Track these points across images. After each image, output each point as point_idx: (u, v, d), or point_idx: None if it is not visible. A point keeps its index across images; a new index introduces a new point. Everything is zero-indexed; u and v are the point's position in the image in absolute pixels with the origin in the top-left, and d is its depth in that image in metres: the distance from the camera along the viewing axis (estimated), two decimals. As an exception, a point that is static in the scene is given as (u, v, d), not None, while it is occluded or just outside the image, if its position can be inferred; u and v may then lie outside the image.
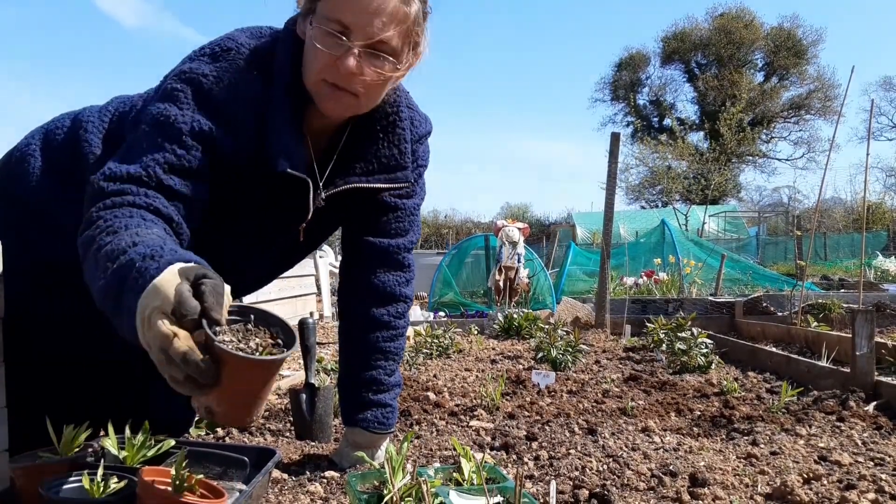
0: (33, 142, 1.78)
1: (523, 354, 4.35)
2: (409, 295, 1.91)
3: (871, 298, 6.65)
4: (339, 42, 1.43)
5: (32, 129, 1.84)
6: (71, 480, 1.26)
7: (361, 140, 1.67)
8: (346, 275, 1.91)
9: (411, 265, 1.90)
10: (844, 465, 1.88)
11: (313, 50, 1.47)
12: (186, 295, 1.01)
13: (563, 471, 1.82)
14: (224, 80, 1.47)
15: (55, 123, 1.80)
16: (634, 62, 37.99)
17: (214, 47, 1.52)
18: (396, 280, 1.85)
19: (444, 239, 30.57)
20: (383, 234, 1.82)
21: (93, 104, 1.84)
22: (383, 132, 1.68)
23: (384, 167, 1.69)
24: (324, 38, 1.44)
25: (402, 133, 1.70)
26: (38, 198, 1.73)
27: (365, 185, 1.67)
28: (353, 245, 1.86)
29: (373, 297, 1.84)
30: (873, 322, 2.88)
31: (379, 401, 1.85)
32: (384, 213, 1.81)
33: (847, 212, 27.54)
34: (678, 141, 30.56)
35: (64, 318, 1.77)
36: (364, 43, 1.44)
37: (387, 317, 1.85)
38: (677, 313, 5.85)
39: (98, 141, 1.70)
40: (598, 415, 2.60)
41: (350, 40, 1.43)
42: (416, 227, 1.89)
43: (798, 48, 34.87)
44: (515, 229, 7.43)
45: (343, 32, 1.43)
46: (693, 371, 3.61)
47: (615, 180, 6.06)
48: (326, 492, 1.67)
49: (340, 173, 1.67)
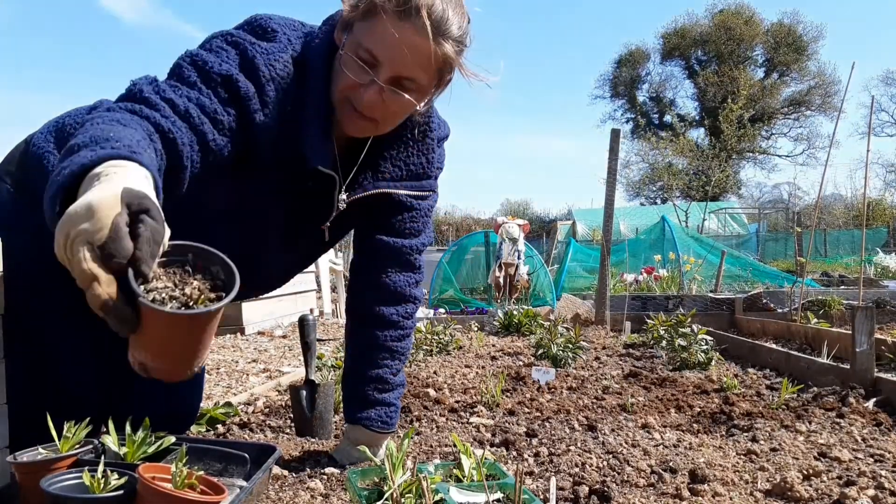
0: (51, 139, 1.75)
1: (523, 351, 4.35)
2: (419, 296, 1.92)
3: (871, 295, 6.66)
4: (366, 72, 1.43)
5: (47, 122, 1.81)
6: (71, 477, 1.26)
7: (390, 144, 1.68)
8: (356, 272, 1.91)
9: (421, 266, 1.91)
10: (844, 462, 1.88)
11: (341, 70, 1.47)
12: (122, 232, 0.91)
13: (563, 467, 1.82)
14: (271, 59, 1.46)
15: (69, 118, 1.77)
16: (634, 59, 37.94)
17: (256, 26, 1.50)
18: (407, 280, 1.86)
19: (444, 236, 30.57)
20: (398, 234, 1.82)
21: (105, 99, 1.81)
22: (414, 140, 1.71)
23: (412, 174, 1.73)
24: (352, 64, 1.44)
25: (432, 143, 1.74)
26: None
27: (393, 190, 1.70)
28: (367, 243, 1.85)
29: (383, 296, 1.84)
30: (873, 318, 2.88)
31: (383, 400, 1.85)
32: (400, 212, 1.81)
33: (847, 208, 27.55)
34: (678, 137, 30.54)
35: (68, 311, 1.76)
36: (390, 78, 1.44)
37: (395, 316, 1.85)
38: (677, 310, 5.85)
39: None
40: (598, 411, 2.60)
41: (377, 73, 1.43)
42: (428, 229, 1.90)
43: (798, 44, 34.81)
44: (516, 226, 7.43)
45: (372, 63, 1.43)
46: (693, 367, 3.61)
47: (615, 177, 6.06)
48: (327, 488, 1.67)
49: (368, 175, 1.69)
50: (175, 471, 1.21)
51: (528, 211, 38.17)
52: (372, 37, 1.41)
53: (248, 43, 1.46)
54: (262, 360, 4.35)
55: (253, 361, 4.27)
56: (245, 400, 2.85)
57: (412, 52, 1.42)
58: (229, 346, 5.02)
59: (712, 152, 30.53)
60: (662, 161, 30.43)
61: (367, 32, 1.42)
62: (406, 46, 1.40)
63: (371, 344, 1.85)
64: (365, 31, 1.43)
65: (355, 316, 1.90)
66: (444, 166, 1.88)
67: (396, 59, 1.42)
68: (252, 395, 2.94)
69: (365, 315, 1.86)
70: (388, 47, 1.41)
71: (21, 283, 1.58)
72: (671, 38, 36.63)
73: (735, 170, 33.97)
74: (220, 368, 3.92)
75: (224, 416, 2.40)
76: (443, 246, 17.87)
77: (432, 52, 1.43)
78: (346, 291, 1.93)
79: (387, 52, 1.41)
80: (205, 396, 2.62)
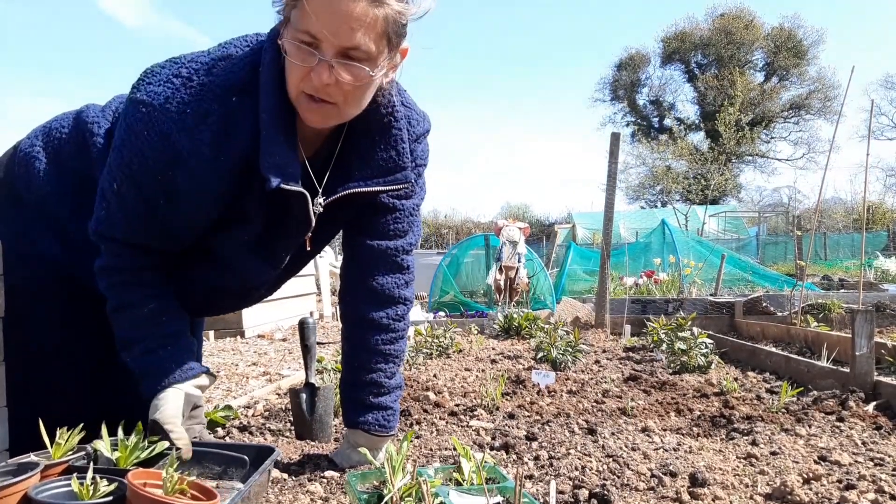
0: (37, 143, 1.77)
1: (523, 354, 4.35)
2: (409, 297, 1.90)
3: (870, 298, 6.65)
4: (311, 53, 1.40)
5: (34, 128, 1.84)
6: (61, 484, 1.25)
7: (358, 143, 1.65)
8: (345, 277, 1.90)
9: (410, 267, 1.89)
10: (844, 465, 1.88)
11: (289, 63, 1.44)
12: (183, 443, 1.48)
13: (563, 471, 1.82)
14: (186, 122, 1.45)
15: (57, 123, 1.80)
16: (634, 62, 37.98)
17: (191, 71, 1.47)
18: (395, 282, 1.84)
19: (444, 239, 30.56)
20: (382, 237, 1.81)
21: (92, 103, 1.83)
22: (379, 134, 1.65)
23: (382, 170, 1.66)
24: (295, 50, 1.41)
25: (399, 133, 1.67)
26: (43, 198, 1.73)
27: (364, 189, 1.65)
28: (352, 248, 1.85)
29: (371, 300, 1.83)
30: (873, 322, 2.88)
31: (380, 403, 1.84)
32: (383, 214, 1.79)
33: (847, 212, 27.56)
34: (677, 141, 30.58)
35: (63, 318, 1.77)
36: (335, 51, 1.40)
37: (386, 319, 1.83)
38: (677, 313, 5.85)
39: (103, 141, 1.70)
40: (597, 415, 2.60)
41: (321, 51, 1.39)
42: (415, 228, 1.87)
43: (798, 48, 34.87)
44: (516, 229, 7.44)
45: (313, 44, 1.39)
46: (693, 371, 3.61)
47: (615, 180, 6.06)
48: (326, 491, 1.67)
49: (339, 179, 1.66)
50: (166, 476, 1.21)
51: (528, 214, 38.13)
52: (306, 17, 1.37)
53: (168, 116, 1.45)
54: (261, 363, 4.35)
55: (253, 364, 4.27)
56: (245, 403, 2.85)
57: (350, 20, 1.36)
58: (229, 350, 5.02)
59: (711, 155, 30.56)
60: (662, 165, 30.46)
61: (301, 15, 1.38)
62: (342, 15, 1.35)
63: (364, 348, 1.84)
64: (299, 16, 1.39)
65: (347, 321, 1.90)
66: (426, 162, 1.84)
67: (336, 31, 1.37)
68: (252, 399, 2.94)
69: (356, 320, 1.85)
70: (324, 22, 1.36)
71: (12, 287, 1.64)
72: (671, 42, 36.68)
73: (735, 173, 33.99)
74: (220, 371, 3.92)
75: (224, 419, 2.39)
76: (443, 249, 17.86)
77: (371, 14, 1.37)
78: (338, 296, 1.92)
79: (324, 26, 1.36)
80: (204, 400, 2.62)
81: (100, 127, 1.72)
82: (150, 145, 1.46)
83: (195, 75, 1.47)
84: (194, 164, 1.47)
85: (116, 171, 1.51)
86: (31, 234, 1.73)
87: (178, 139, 1.44)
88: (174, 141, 1.44)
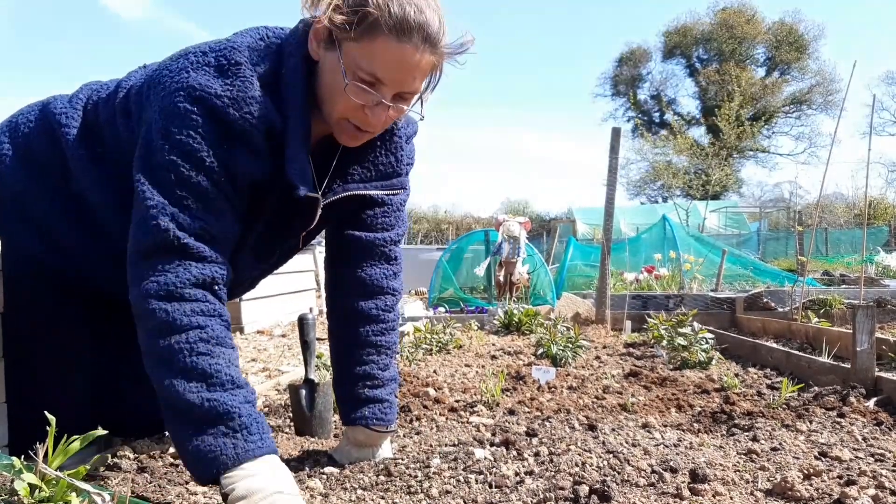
0: (3, 139, 1.76)
1: (523, 350, 4.34)
2: (398, 288, 1.88)
3: (872, 294, 6.64)
4: (370, 93, 1.46)
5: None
6: None
7: (359, 146, 1.67)
8: (331, 271, 1.89)
9: (398, 257, 1.88)
10: (845, 461, 1.88)
11: (341, 94, 1.47)
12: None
13: (564, 467, 1.81)
14: (238, 102, 1.44)
15: (22, 116, 1.78)
16: (636, 57, 37.93)
17: (220, 59, 1.46)
18: (383, 273, 1.83)
19: (444, 234, 30.53)
20: (369, 229, 1.81)
21: (59, 94, 1.81)
22: (381, 140, 1.71)
23: (381, 174, 1.72)
24: (358, 91, 1.45)
25: (399, 141, 1.74)
26: (11, 191, 1.72)
27: (363, 191, 1.70)
28: (338, 240, 1.84)
29: (359, 291, 1.81)
30: (874, 318, 2.87)
31: (375, 396, 1.82)
32: (371, 208, 1.81)
33: (848, 207, 27.53)
34: (677, 136, 30.53)
35: (46, 316, 1.76)
36: (393, 95, 1.48)
37: (375, 310, 1.82)
38: (678, 309, 5.84)
39: (76, 132, 1.68)
40: (598, 411, 2.59)
41: (382, 93, 1.46)
42: (401, 222, 1.88)
43: (800, 43, 34.81)
44: (516, 223, 7.42)
45: (373, 83, 1.45)
46: (693, 367, 3.60)
47: (616, 175, 6.05)
48: (326, 488, 1.67)
49: (339, 179, 1.68)
50: None
51: (529, 209, 38.10)
52: (372, 59, 1.43)
53: (214, 96, 1.42)
54: (261, 359, 4.34)
55: (252, 360, 4.26)
56: (244, 399, 2.85)
57: (415, 70, 1.46)
58: (229, 345, 5.00)
59: (712, 150, 30.52)
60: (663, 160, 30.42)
61: (366, 54, 1.43)
62: (408, 65, 1.44)
63: (354, 341, 1.82)
64: (362, 53, 1.43)
65: (335, 315, 1.88)
66: (413, 162, 1.87)
67: (401, 80, 1.46)
68: (251, 394, 2.94)
69: (344, 312, 1.84)
70: (391, 69, 1.44)
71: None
72: (673, 37, 36.62)
73: (736, 168, 33.94)
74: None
75: (223, 415, 2.39)
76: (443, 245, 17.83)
77: (429, 62, 1.48)
78: (324, 291, 1.92)
79: (390, 73, 1.44)
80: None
81: (68, 118, 1.70)
82: (205, 129, 1.43)
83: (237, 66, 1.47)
84: (252, 146, 1.48)
85: (173, 164, 1.42)
86: (3, 227, 1.71)
87: (235, 119, 1.44)
88: (231, 120, 1.44)
